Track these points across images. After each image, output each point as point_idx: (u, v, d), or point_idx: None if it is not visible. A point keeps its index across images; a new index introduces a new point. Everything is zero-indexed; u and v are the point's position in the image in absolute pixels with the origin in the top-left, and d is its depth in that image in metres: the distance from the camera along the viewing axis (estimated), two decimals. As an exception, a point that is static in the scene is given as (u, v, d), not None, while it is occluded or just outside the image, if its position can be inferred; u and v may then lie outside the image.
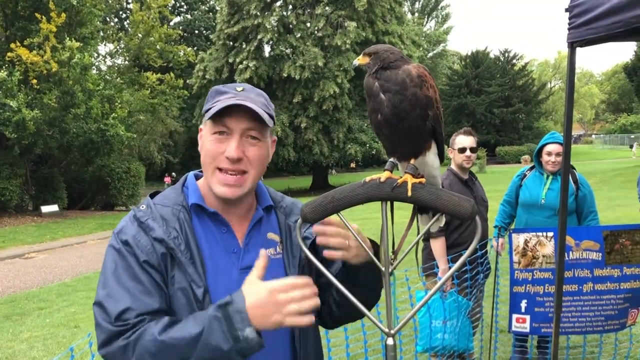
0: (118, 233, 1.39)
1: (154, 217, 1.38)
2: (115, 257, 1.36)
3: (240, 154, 1.36)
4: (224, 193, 1.38)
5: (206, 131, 1.41)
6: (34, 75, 17.55)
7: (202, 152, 1.41)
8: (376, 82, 1.35)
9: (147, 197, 1.50)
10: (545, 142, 4.23)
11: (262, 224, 1.50)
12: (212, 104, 1.38)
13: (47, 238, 15.30)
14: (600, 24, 2.31)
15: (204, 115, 1.39)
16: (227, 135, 1.37)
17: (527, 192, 4.27)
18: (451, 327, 3.61)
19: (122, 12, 39.59)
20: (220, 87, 1.44)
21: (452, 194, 1.34)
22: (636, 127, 58.36)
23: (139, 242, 1.34)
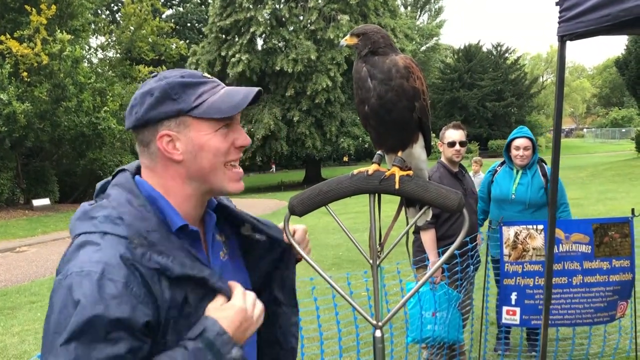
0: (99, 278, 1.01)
1: (157, 250, 1.10)
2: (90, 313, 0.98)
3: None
4: (239, 189, 1.25)
5: (203, 131, 1.18)
6: (25, 67, 17.43)
7: (206, 154, 1.18)
8: (364, 67, 1.34)
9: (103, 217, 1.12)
10: (513, 137, 4.28)
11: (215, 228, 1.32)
12: (197, 99, 1.18)
13: (38, 232, 15.24)
14: (589, 17, 2.31)
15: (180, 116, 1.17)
16: (229, 126, 1.22)
17: (497, 187, 4.30)
18: (441, 319, 3.63)
19: (114, 5, 39.27)
20: (183, 80, 1.19)
21: (439, 186, 1.34)
22: (627, 120, 58.67)
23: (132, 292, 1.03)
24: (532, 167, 4.22)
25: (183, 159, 1.18)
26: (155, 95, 1.17)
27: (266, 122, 25.68)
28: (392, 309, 1.41)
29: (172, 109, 1.16)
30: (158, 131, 1.17)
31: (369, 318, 1.39)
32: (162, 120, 1.17)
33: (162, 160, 1.19)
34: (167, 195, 1.21)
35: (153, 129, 1.18)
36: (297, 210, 1.40)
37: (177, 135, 1.17)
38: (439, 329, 3.62)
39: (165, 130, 1.17)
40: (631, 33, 3.31)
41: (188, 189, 1.21)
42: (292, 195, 1.44)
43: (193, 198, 1.22)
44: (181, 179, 1.20)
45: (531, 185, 4.16)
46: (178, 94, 1.17)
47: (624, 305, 3.86)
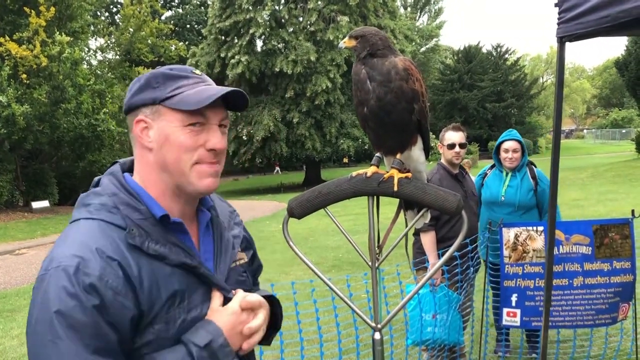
0: (74, 273, 1.03)
1: (154, 239, 1.14)
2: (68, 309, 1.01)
3: (225, 144, 1.24)
4: (210, 185, 1.21)
5: (171, 124, 1.18)
6: (24, 69, 17.40)
7: (170, 147, 1.18)
8: (363, 69, 1.34)
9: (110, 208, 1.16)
10: (502, 140, 4.30)
11: (209, 226, 1.32)
12: (174, 90, 1.19)
13: (37, 234, 15.22)
14: (589, 19, 2.30)
15: (152, 104, 1.19)
16: (202, 126, 1.19)
17: (487, 190, 4.31)
18: (441, 321, 3.62)
19: (113, 7, 39.29)
20: (169, 72, 1.22)
21: (438, 188, 1.34)
22: (627, 121, 58.68)
23: (107, 284, 1.04)
24: (522, 170, 4.25)
25: (153, 148, 1.20)
26: (140, 83, 1.22)
27: (266, 124, 25.67)
28: (391, 311, 1.40)
29: (149, 96, 1.19)
30: (137, 116, 1.21)
31: (368, 320, 1.38)
32: (141, 107, 1.20)
33: (139, 147, 1.22)
34: (146, 186, 1.22)
35: (134, 114, 1.21)
36: (296, 213, 1.40)
37: (151, 122, 1.19)
38: (439, 331, 3.61)
39: (140, 115, 1.20)
40: (631, 34, 3.30)
41: (160, 180, 1.22)
42: (291, 198, 1.44)
43: (168, 191, 1.22)
44: (153, 168, 1.21)
45: (520, 188, 4.19)
46: (159, 84, 1.19)
47: (625, 307, 3.85)
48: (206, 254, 1.27)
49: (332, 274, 7.53)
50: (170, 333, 1.13)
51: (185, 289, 1.16)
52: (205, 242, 1.29)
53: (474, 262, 3.97)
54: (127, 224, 1.13)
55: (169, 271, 1.14)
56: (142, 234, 1.12)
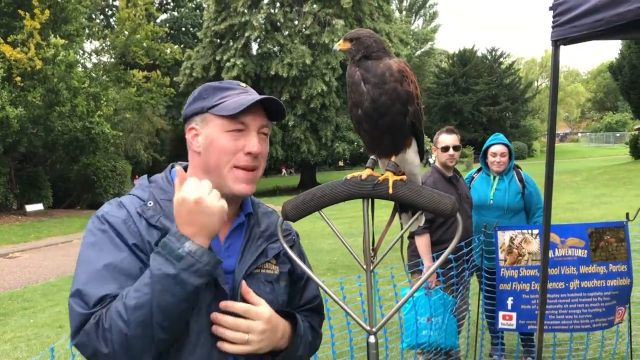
0: (102, 215, 1.31)
1: (166, 214, 1.30)
2: (98, 237, 1.28)
3: (261, 148, 1.34)
4: (243, 190, 1.34)
5: (214, 129, 1.33)
6: (18, 72, 17.33)
7: (213, 150, 1.32)
8: (358, 71, 1.34)
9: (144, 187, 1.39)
10: (490, 144, 4.33)
11: (242, 230, 1.42)
12: (219, 100, 1.33)
13: (31, 237, 15.14)
14: (583, 22, 2.31)
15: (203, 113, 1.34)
16: (241, 132, 1.33)
17: (475, 193, 4.33)
18: (436, 325, 3.61)
19: (108, 9, 39.19)
20: (218, 84, 1.39)
21: (433, 191, 1.33)
22: (621, 125, 58.98)
23: (129, 226, 1.28)
24: (509, 173, 4.28)
25: (200, 151, 1.35)
26: (194, 95, 1.40)
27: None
28: (386, 315, 1.39)
29: (199, 106, 1.36)
30: (189, 124, 1.38)
31: (362, 324, 1.37)
32: (193, 116, 1.37)
33: (190, 151, 1.39)
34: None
35: (188, 123, 1.39)
36: (290, 216, 1.39)
37: (200, 129, 1.35)
38: (434, 335, 3.60)
39: (192, 124, 1.37)
40: (624, 38, 3.31)
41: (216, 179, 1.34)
42: (286, 200, 1.43)
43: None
44: (200, 169, 1.36)
45: (508, 191, 4.22)
46: (208, 94, 1.36)
47: (622, 311, 3.84)
48: (228, 251, 1.37)
49: (327, 277, 7.51)
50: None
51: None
52: (233, 241, 1.40)
53: (469, 265, 3.96)
54: (149, 198, 1.34)
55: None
56: (156, 209, 1.31)
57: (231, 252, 1.38)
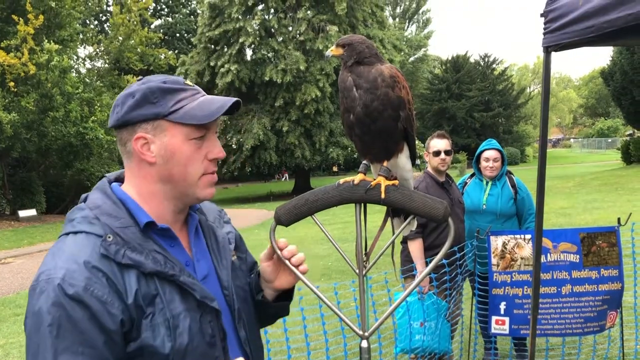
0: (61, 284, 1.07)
1: (131, 246, 1.15)
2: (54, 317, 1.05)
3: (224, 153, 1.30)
4: (211, 194, 1.29)
5: (178, 138, 1.21)
6: (12, 77, 17.26)
7: (178, 161, 1.22)
8: (350, 77, 1.35)
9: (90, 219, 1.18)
10: (482, 149, 4.35)
11: (198, 229, 1.37)
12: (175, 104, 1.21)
13: (24, 243, 15.05)
14: (573, 29, 2.34)
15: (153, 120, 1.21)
16: (203, 137, 1.25)
17: (468, 199, 4.33)
18: (430, 329, 3.61)
19: (102, 15, 39.14)
20: (164, 85, 1.23)
21: (425, 196, 1.34)
22: (613, 131, 59.37)
23: (93, 292, 1.08)
24: (502, 179, 4.30)
25: (155, 162, 1.22)
26: (136, 98, 1.21)
27: (255, 132, 25.65)
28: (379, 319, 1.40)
29: (150, 112, 1.20)
30: (135, 132, 1.21)
31: (355, 328, 1.38)
32: (139, 122, 1.21)
33: (137, 160, 1.24)
34: (140, 194, 1.25)
35: (131, 130, 1.22)
36: (283, 220, 1.40)
37: (152, 138, 1.21)
38: (427, 339, 3.61)
39: (142, 132, 1.21)
40: (615, 44, 3.35)
41: (159, 191, 1.25)
42: (279, 205, 1.44)
43: (165, 200, 1.26)
44: (153, 180, 1.24)
45: (501, 196, 4.24)
46: (157, 98, 1.21)
47: (613, 315, 3.87)
48: (199, 255, 1.31)
49: (321, 282, 7.51)
50: (157, 341, 1.14)
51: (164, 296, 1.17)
52: (197, 244, 1.33)
53: (462, 270, 3.98)
54: (106, 232, 1.16)
55: (145, 279, 1.15)
56: (118, 242, 1.14)
57: (200, 256, 1.32)
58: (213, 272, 1.33)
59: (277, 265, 1.43)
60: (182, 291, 1.19)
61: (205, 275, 1.30)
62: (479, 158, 4.37)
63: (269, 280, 1.44)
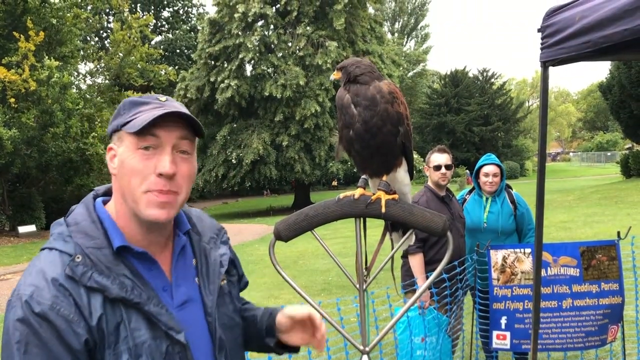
0: (29, 300, 1.07)
1: (98, 269, 1.12)
2: (21, 335, 1.05)
3: (175, 169, 1.17)
4: (157, 216, 1.17)
5: (126, 148, 1.17)
6: (12, 94, 17.34)
7: (124, 173, 1.17)
8: (347, 95, 1.37)
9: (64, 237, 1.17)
10: (482, 164, 4.32)
11: (185, 251, 1.31)
12: (132, 115, 1.18)
13: (24, 259, 14.99)
14: (570, 44, 2.35)
15: (119, 130, 1.19)
16: (156, 149, 1.17)
17: (468, 217, 4.29)
18: (431, 344, 3.59)
19: (103, 32, 39.44)
20: (136, 99, 1.23)
21: (424, 210, 1.35)
22: (612, 144, 59.50)
23: (59, 311, 1.06)
24: (501, 194, 4.27)
25: (116, 174, 1.20)
26: (116, 110, 1.23)
27: (255, 147, 25.70)
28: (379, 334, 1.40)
29: (116, 123, 1.21)
30: (109, 144, 1.23)
31: (355, 343, 1.38)
32: (111, 134, 1.22)
33: (110, 172, 1.23)
34: (115, 212, 1.22)
35: (110, 142, 1.24)
36: (283, 236, 1.40)
37: (116, 149, 1.20)
38: (429, 355, 3.59)
39: (111, 144, 1.22)
40: (612, 59, 3.37)
41: (124, 207, 1.21)
42: (279, 220, 1.44)
43: (130, 218, 1.21)
44: (119, 194, 1.21)
45: (502, 213, 4.20)
46: (125, 110, 1.21)
47: (615, 329, 3.85)
48: (180, 279, 1.26)
49: (322, 297, 7.48)
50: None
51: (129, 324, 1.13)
52: (180, 267, 1.28)
53: (462, 284, 3.97)
54: (77, 252, 1.13)
55: (111, 304, 1.12)
56: (86, 264, 1.12)
57: (180, 280, 1.26)
58: (197, 297, 1.28)
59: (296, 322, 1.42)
60: (149, 320, 1.15)
61: (185, 301, 1.25)
62: (478, 173, 4.35)
63: (281, 331, 1.44)
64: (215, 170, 26.85)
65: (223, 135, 26.61)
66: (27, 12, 19.02)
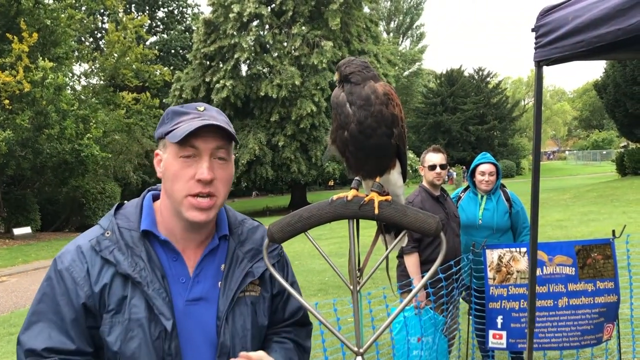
0: (57, 258, 1.32)
1: (119, 246, 1.30)
2: (44, 285, 1.31)
3: (212, 175, 1.30)
4: (197, 217, 1.31)
5: (170, 155, 1.32)
6: (6, 95, 17.27)
7: (168, 177, 1.33)
8: (342, 94, 1.36)
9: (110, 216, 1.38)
10: (478, 163, 4.33)
11: (216, 253, 1.41)
12: (174, 125, 1.31)
13: (19, 261, 14.94)
14: (564, 43, 2.35)
15: (163, 138, 1.34)
16: (195, 157, 1.30)
17: (463, 214, 4.30)
18: (427, 344, 3.59)
19: (98, 32, 39.32)
20: (178, 108, 1.36)
21: (417, 211, 1.35)
22: (607, 143, 59.74)
23: (72, 273, 1.28)
24: (496, 193, 4.29)
25: (163, 176, 1.35)
26: (161, 119, 1.39)
27: (251, 147, 25.68)
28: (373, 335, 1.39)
29: (160, 131, 1.35)
30: (157, 149, 1.39)
31: (349, 345, 1.37)
32: (158, 140, 1.37)
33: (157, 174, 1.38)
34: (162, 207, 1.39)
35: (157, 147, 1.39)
36: (276, 237, 1.39)
37: (162, 155, 1.36)
38: (425, 355, 3.59)
39: (158, 149, 1.38)
40: (606, 58, 3.38)
41: (168, 205, 1.36)
42: (272, 222, 1.43)
43: (173, 215, 1.36)
44: (164, 193, 1.37)
45: (497, 211, 4.22)
46: (169, 119, 1.35)
47: (610, 328, 3.86)
48: (201, 276, 1.36)
49: (318, 297, 7.48)
50: (110, 337, 1.26)
51: (131, 300, 1.27)
52: (206, 266, 1.38)
53: (458, 284, 3.97)
54: (110, 229, 1.33)
55: (121, 278, 1.28)
56: (112, 239, 1.31)
57: (202, 277, 1.36)
58: (214, 299, 1.35)
59: None
60: (148, 301, 1.27)
61: (199, 298, 1.33)
62: (473, 172, 4.36)
63: None
64: (211, 171, 26.79)
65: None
66: (21, 13, 18.95)
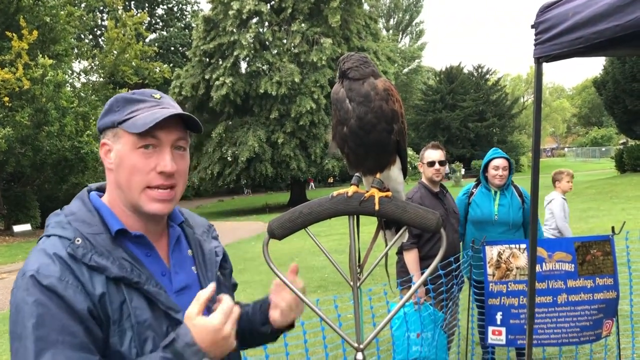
0: (36, 275, 1.11)
1: (98, 252, 1.18)
2: (32, 309, 1.09)
3: (175, 167, 1.25)
4: (159, 210, 1.25)
5: (125, 146, 1.23)
6: (6, 92, 17.26)
7: (123, 169, 1.23)
8: (342, 89, 1.36)
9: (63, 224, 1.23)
10: (491, 157, 4.32)
11: (180, 241, 1.38)
12: (129, 114, 1.24)
13: (19, 258, 14.95)
14: (563, 40, 2.36)
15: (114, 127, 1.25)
16: (154, 148, 1.24)
17: (477, 209, 4.29)
18: (427, 340, 3.61)
19: (97, 29, 39.27)
20: (129, 95, 1.29)
21: (418, 207, 1.35)
22: (607, 139, 59.73)
23: (67, 282, 1.12)
24: (509, 188, 4.28)
25: (112, 168, 1.26)
26: (105, 107, 1.29)
27: (250, 145, 25.64)
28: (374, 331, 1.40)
29: (110, 119, 1.26)
30: (102, 139, 1.29)
31: (349, 341, 1.38)
32: (105, 130, 1.28)
33: (105, 168, 1.30)
34: (109, 201, 1.29)
35: (101, 137, 1.29)
36: (276, 234, 1.40)
37: (111, 145, 1.26)
38: (425, 350, 3.60)
39: (104, 139, 1.28)
40: (604, 55, 3.38)
41: (120, 198, 1.28)
42: (272, 218, 1.44)
43: (127, 208, 1.27)
44: (114, 187, 1.28)
45: (512, 206, 4.21)
46: (119, 107, 1.26)
47: (609, 324, 3.87)
48: (177, 266, 1.32)
49: (318, 294, 7.49)
50: (124, 347, 1.16)
51: (130, 303, 1.19)
52: (177, 255, 1.34)
53: (458, 280, 3.98)
54: (76, 236, 1.19)
55: (114, 285, 1.17)
56: (86, 246, 1.17)
57: (178, 267, 1.33)
58: (196, 285, 1.33)
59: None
60: (149, 300, 1.21)
61: (183, 287, 1.31)
62: (486, 167, 4.34)
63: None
64: (210, 168, 26.79)
65: (218, 132, 26.53)
66: (20, 11, 18.94)
